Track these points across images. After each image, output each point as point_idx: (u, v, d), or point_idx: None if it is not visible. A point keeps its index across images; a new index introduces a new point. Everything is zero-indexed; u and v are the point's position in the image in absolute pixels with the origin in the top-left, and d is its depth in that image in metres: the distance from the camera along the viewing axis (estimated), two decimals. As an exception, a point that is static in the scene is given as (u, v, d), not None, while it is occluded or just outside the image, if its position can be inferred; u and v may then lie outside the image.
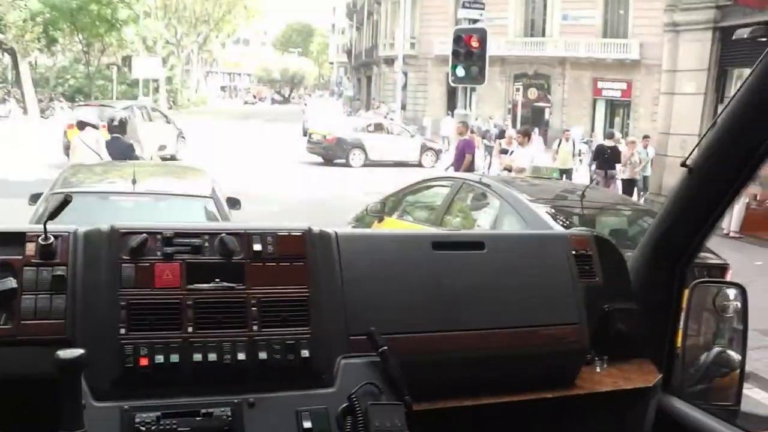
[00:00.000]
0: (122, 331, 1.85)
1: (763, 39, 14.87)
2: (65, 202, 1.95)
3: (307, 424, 1.85)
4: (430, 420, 2.05)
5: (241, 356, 1.90)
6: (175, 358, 1.85)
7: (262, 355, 1.92)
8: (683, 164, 2.25)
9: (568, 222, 7.12)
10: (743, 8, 16.31)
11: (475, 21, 18.21)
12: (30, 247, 1.90)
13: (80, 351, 1.59)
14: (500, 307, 2.25)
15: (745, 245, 14.94)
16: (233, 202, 7.80)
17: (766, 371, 7.89)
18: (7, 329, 1.81)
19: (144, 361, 1.83)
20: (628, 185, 19.36)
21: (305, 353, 1.95)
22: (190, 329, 1.89)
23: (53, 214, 1.94)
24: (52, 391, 1.65)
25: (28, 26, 43.04)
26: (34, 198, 7.36)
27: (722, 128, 2.11)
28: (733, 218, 15.72)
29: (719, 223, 2.34)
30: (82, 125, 10.35)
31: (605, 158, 19.44)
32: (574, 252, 2.43)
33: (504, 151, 18.92)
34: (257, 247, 2.04)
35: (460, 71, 16.92)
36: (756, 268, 12.88)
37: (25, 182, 15.90)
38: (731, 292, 2.42)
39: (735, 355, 2.37)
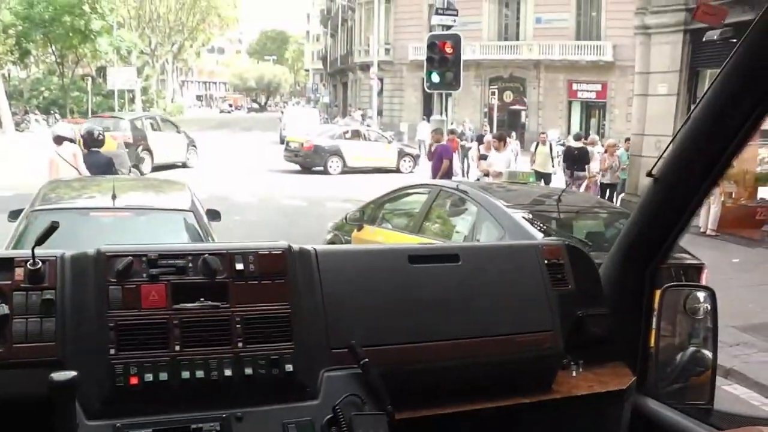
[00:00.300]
0: (112, 351, 1.89)
1: (733, 40, 15.06)
2: (52, 228, 2.00)
3: None
4: (412, 428, 2.11)
5: (227, 372, 1.95)
6: (164, 376, 1.90)
7: (248, 371, 1.97)
8: (649, 174, 2.33)
9: (545, 226, 7.18)
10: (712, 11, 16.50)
11: (448, 27, 18.26)
12: (19, 272, 1.94)
13: (73, 373, 1.64)
14: (477, 316, 2.32)
15: (722, 243, 15.11)
16: (213, 214, 7.80)
17: (744, 367, 7.99)
18: (0, 353, 1.86)
19: (134, 380, 1.88)
20: (609, 189, 18.96)
21: (289, 367, 2.00)
22: (177, 347, 1.94)
23: (41, 240, 1.98)
24: (46, 412, 1.70)
25: (0, 39, 42.68)
26: (14, 214, 7.32)
27: (685, 139, 2.19)
28: (710, 217, 15.90)
29: (686, 229, 2.41)
30: (59, 140, 10.26)
31: (572, 159, 19.65)
32: (546, 261, 2.49)
33: (483, 157, 18.93)
34: (239, 266, 2.09)
35: (435, 77, 16.96)
36: (733, 266, 13.04)
37: (3, 197, 15.81)
38: (701, 295, 2.46)
39: (710, 354, 2.41)
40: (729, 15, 15.44)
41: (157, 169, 25.47)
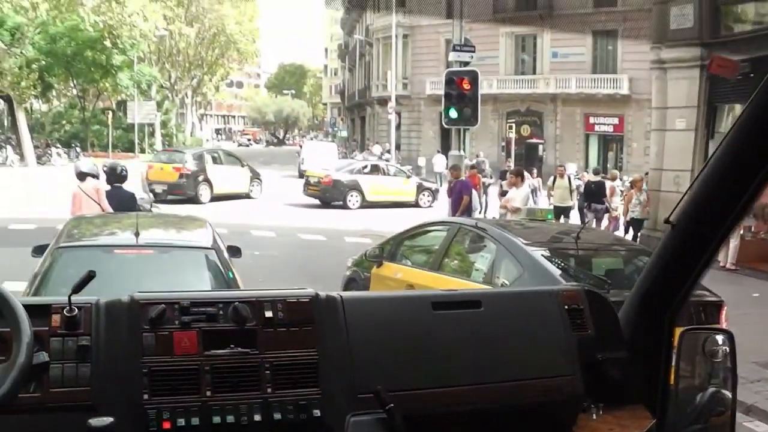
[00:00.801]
0: (145, 396, 1.96)
1: (752, 75, 15.09)
2: (89, 277, 2.07)
3: None
4: None
5: (257, 417, 2.01)
6: (195, 421, 1.96)
7: (277, 416, 2.03)
8: (666, 221, 2.38)
9: (564, 264, 7.20)
10: (729, 45, 16.54)
11: (466, 63, 18.32)
12: (55, 319, 2.02)
13: (110, 419, 1.71)
14: (498, 362, 2.36)
15: (741, 277, 15.02)
16: (234, 251, 7.85)
17: (767, 404, 7.91)
18: (37, 397, 1.91)
19: (166, 425, 1.94)
20: (636, 225, 18.33)
21: (317, 413, 2.06)
22: (208, 393, 2.00)
23: (78, 288, 2.06)
24: None
25: (24, 73, 43.23)
26: (38, 250, 7.41)
27: (702, 186, 2.23)
28: (729, 251, 15.78)
29: (704, 274, 2.45)
30: (82, 176, 10.41)
31: (591, 193, 19.67)
32: (566, 306, 2.55)
33: (505, 193, 18.92)
34: (268, 314, 2.16)
35: (453, 113, 16.97)
36: (753, 301, 12.96)
37: (26, 231, 16.01)
38: (719, 338, 2.50)
39: (729, 394, 2.42)
40: (746, 50, 15.49)
41: (216, 199, 27.76)
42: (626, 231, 18.37)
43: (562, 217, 19.16)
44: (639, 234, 18.35)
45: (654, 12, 19.99)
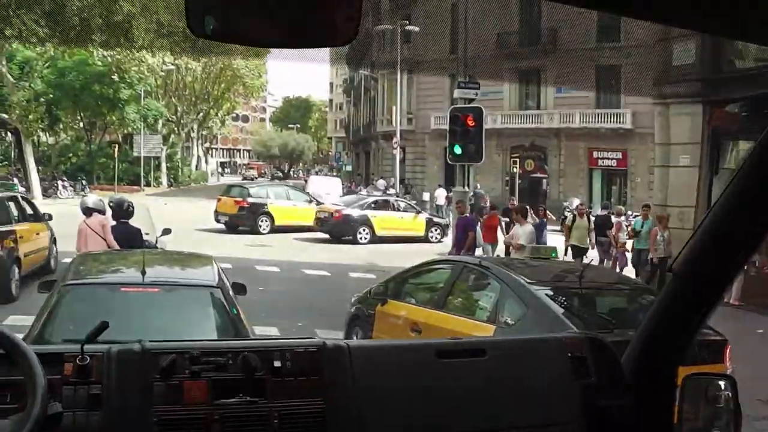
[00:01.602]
0: None
1: (754, 112, 15.15)
2: (102, 327, 2.12)
3: None
4: None
5: None
6: None
7: None
8: (669, 269, 2.42)
9: (567, 303, 7.21)
10: (731, 82, 16.62)
11: (470, 100, 18.39)
12: (68, 367, 2.06)
13: None
14: (502, 409, 2.39)
15: (746, 314, 14.93)
16: (239, 288, 7.85)
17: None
18: None
19: None
20: (660, 264, 16.71)
21: None
22: None
23: (91, 337, 2.10)
24: None
25: (32, 106, 43.42)
26: (44, 286, 7.46)
27: (704, 235, 2.26)
28: (733, 287, 15.67)
29: (706, 321, 2.48)
30: (88, 211, 10.47)
31: (598, 227, 19.65)
32: (569, 354, 2.58)
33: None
34: (277, 363, 2.19)
35: (458, 150, 16.99)
36: (757, 337, 12.91)
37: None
38: (722, 384, 2.52)
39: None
40: (748, 87, 15.54)
41: (275, 230, 29.84)
42: (652, 271, 17.23)
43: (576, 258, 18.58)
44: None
45: (656, 48, 20.12)
